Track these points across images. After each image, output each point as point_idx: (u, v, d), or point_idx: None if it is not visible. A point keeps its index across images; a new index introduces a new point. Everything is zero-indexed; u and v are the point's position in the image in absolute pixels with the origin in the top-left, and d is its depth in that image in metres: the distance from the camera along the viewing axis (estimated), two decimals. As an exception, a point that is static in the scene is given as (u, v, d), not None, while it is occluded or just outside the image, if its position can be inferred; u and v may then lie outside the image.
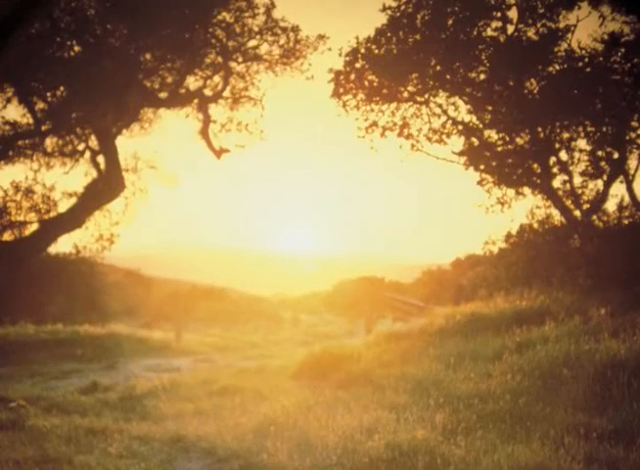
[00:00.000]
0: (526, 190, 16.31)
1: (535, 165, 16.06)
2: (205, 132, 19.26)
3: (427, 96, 16.44)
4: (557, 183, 16.11)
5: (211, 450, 6.04)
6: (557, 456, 5.08)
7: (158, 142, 32.67)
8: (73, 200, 18.31)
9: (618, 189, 15.71)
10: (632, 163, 15.52)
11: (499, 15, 15.70)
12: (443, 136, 16.52)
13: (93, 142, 18.69)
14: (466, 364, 8.10)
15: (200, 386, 8.98)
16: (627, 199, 15.57)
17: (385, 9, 15.83)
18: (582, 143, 15.83)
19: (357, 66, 16.18)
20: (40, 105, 17.41)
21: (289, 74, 18.86)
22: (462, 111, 16.53)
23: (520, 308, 10.78)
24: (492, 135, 16.29)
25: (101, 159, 18.60)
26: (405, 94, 16.38)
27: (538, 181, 16.03)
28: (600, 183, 15.89)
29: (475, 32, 15.65)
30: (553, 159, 16.08)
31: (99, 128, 18.00)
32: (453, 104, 16.49)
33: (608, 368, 6.85)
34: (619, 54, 14.61)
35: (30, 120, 17.38)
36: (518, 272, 15.18)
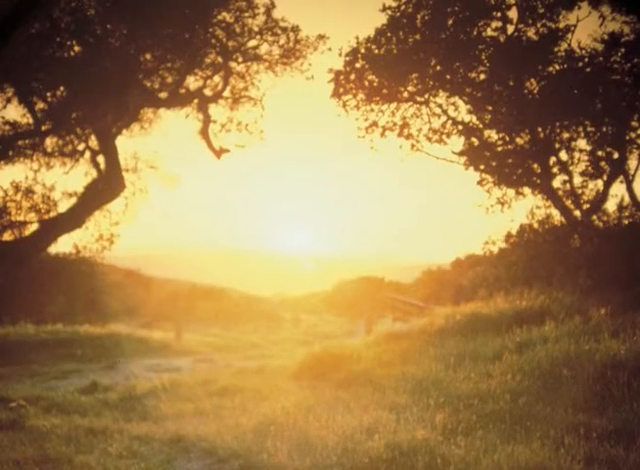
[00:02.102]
0: (526, 190, 16.33)
1: (535, 165, 16.07)
2: (205, 132, 19.27)
3: (427, 96, 16.44)
4: (557, 183, 16.16)
5: (211, 450, 6.03)
6: (557, 456, 5.07)
7: (158, 142, 32.71)
8: (73, 200, 18.33)
9: (618, 189, 15.75)
10: (632, 163, 15.56)
11: (499, 15, 15.71)
12: (443, 136, 16.54)
13: (93, 142, 18.71)
14: (466, 364, 8.10)
15: (200, 386, 8.97)
16: (627, 199, 15.60)
17: (385, 9, 15.84)
18: (582, 143, 15.87)
19: (357, 66, 16.18)
20: (40, 105, 17.41)
21: (289, 74, 18.89)
22: (462, 111, 16.58)
23: (520, 308, 10.77)
24: (492, 135, 16.31)
25: (101, 159, 18.63)
26: (405, 94, 16.39)
27: (538, 181, 16.03)
28: (600, 183, 15.92)
29: (475, 32, 15.66)
30: (553, 159, 16.09)
31: (99, 128, 18.00)
32: (453, 104, 16.51)
33: (608, 368, 6.84)
34: (619, 54, 14.61)
35: (30, 120, 17.39)
36: (518, 272, 15.18)
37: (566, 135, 15.93)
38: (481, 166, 16.28)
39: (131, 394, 8.83)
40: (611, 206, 15.85)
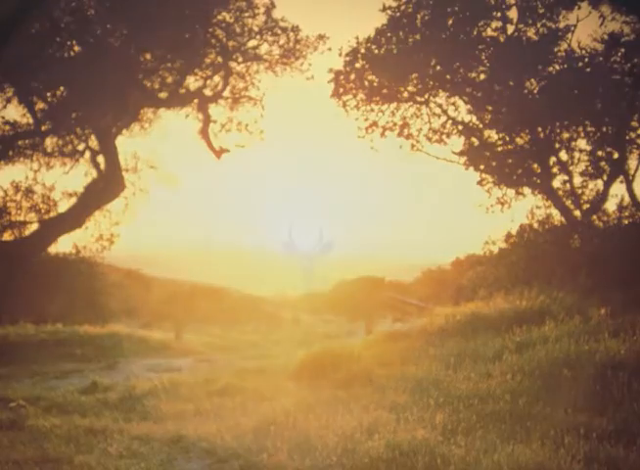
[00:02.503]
0: (526, 190, 16.32)
1: (535, 165, 16.06)
2: (205, 132, 19.25)
3: (427, 96, 16.44)
4: (557, 183, 16.15)
5: (211, 450, 6.03)
6: (557, 456, 5.08)
7: (158, 142, 32.61)
8: (73, 200, 18.30)
9: (618, 189, 15.75)
10: (632, 163, 15.57)
11: (499, 15, 15.72)
12: (443, 136, 16.54)
13: (93, 142, 18.67)
14: (466, 364, 8.10)
15: (200, 386, 8.96)
16: (627, 199, 15.60)
17: (385, 9, 15.84)
18: (582, 143, 15.88)
19: (357, 66, 16.19)
20: (40, 105, 17.39)
21: (289, 74, 18.88)
22: (462, 111, 16.59)
23: (520, 308, 10.77)
24: (492, 135, 16.31)
25: (101, 159, 18.59)
26: (405, 94, 16.39)
27: (538, 181, 16.03)
28: (600, 183, 15.91)
29: (475, 32, 15.67)
30: (553, 159, 16.09)
31: (99, 128, 17.99)
32: (453, 104, 16.52)
33: (608, 368, 6.85)
34: (619, 54, 14.62)
35: (30, 120, 17.37)
36: (518, 272, 15.16)
37: (566, 135, 15.93)
38: (481, 166, 16.28)
39: (131, 394, 8.81)
40: (611, 206, 15.86)
